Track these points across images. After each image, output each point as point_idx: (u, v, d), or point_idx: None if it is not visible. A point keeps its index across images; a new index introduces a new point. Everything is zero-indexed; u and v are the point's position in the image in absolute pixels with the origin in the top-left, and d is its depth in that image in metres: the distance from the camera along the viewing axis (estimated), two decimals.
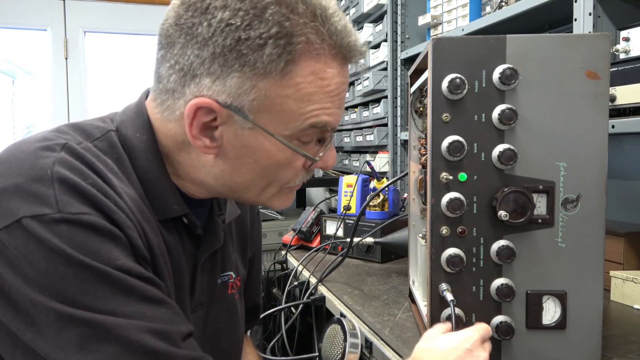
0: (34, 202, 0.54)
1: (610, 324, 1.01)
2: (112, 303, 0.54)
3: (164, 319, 0.58)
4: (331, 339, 0.90)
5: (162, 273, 0.64)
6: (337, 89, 0.64)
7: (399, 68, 2.07)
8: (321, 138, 0.67)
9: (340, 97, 0.65)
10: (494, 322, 0.79)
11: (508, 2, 1.42)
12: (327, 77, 0.62)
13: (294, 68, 0.59)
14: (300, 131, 0.63)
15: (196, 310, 0.75)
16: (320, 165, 0.69)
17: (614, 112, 1.02)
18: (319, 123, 0.63)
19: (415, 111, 1.14)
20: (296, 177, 0.69)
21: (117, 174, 0.63)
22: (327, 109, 0.63)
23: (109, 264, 0.55)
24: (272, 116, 0.62)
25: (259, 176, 0.66)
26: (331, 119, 0.64)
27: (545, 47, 0.76)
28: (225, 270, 0.81)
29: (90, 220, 0.55)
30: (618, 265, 1.20)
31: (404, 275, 1.43)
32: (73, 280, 0.53)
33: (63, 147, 0.59)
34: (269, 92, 0.60)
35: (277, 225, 2.22)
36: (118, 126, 0.68)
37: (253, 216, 0.93)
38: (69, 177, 0.56)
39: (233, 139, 0.63)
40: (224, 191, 0.70)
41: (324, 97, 0.62)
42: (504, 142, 0.77)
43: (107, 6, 3.24)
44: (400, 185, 2.11)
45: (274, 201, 0.71)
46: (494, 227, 0.78)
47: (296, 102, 0.61)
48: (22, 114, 3.37)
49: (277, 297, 1.75)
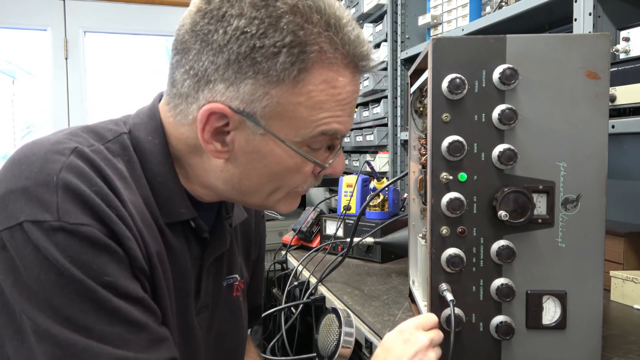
0: (37, 207, 0.55)
1: (610, 324, 1.01)
2: (92, 320, 0.55)
3: (141, 345, 0.58)
4: (327, 328, 0.90)
5: (159, 283, 0.64)
6: (349, 97, 0.64)
7: (399, 68, 2.07)
8: (331, 145, 0.68)
9: (351, 106, 0.66)
10: (494, 322, 0.79)
11: (508, 2, 1.42)
12: (339, 85, 0.62)
13: (306, 76, 0.60)
14: (310, 138, 0.64)
15: (201, 312, 0.75)
16: (329, 172, 0.70)
17: (614, 112, 1.02)
18: (330, 131, 0.64)
19: (415, 111, 1.14)
20: (304, 182, 0.69)
21: (125, 178, 0.64)
22: (338, 117, 0.64)
23: (98, 279, 0.56)
24: (284, 123, 0.62)
25: (268, 180, 0.67)
26: (341, 127, 0.65)
27: (545, 47, 0.76)
28: (231, 272, 0.82)
29: (87, 232, 0.56)
30: (618, 265, 1.20)
31: (404, 275, 1.43)
32: (61, 291, 0.54)
33: (73, 151, 0.60)
34: (281, 100, 0.61)
35: (277, 225, 2.22)
36: (131, 129, 0.69)
37: (258, 219, 0.94)
38: (74, 183, 0.57)
39: (244, 144, 0.64)
40: (232, 195, 0.70)
41: (335, 106, 0.63)
42: (504, 142, 0.77)
43: (107, 6, 3.24)
44: (400, 185, 2.10)
45: (280, 205, 0.72)
46: (494, 227, 0.78)
47: (307, 110, 0.62)
48: (22, 114, 3.36)
49: (277, 297, 1.75)
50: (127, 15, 3.27)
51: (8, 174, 0.58)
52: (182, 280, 0.70)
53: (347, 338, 0.86)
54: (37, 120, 3.41)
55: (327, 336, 0.90)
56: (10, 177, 0.57)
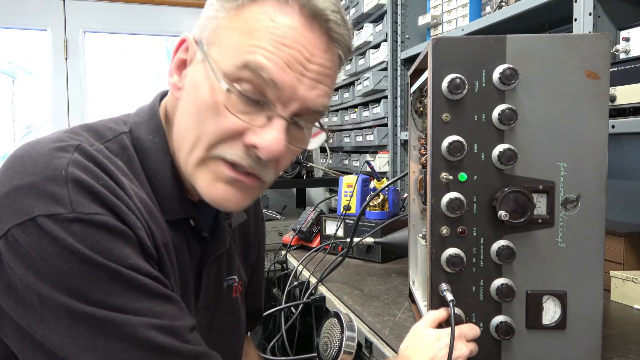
0: (49, 201, 0.55)
1: (610, 324, 1.01)
2: (122, 300, 0.56)
3: (171, 314, 0.59)
4: (328, 332, 0.90)
5: (167, 272, 0.65)
6: (288, 37, 0.60)
7: (399, 68, 2.07)
8: (262, 101, 0.61)
9: (290, 49, 0.60)
10: (494, 322, 0.79)
11: (508, 2, 1.42)
12: (279, 22, 0.60)
13: (252, 6, 0.61)
14: (236, 69, 0.60)
15: (201, 312, 0.75)
16: (256, 141, 0.61)
17: (614, 112, 1.02)
18: (252, 62, 0.59)
19: (415, 111, 1.14)
20: (225, 138, 0.62)
21: (128, 175, 0.64)
22: (267, 50, 0.59)
23: (120, 262, 0.56)
24: (219, 48, 0.62)
25: (193, 123, 0.64)
26: (268, 63, 0.59)
27: (545, 47, 0.76)
28: (230, 273, 0.82)
29: (103, 220, 0.56)
30: (618, 265, 1.20)
31: (404, 275, 1.43)
32: (86, 277, 0.54)
33: (76, 148, 0.60)
34: (222, 23, 0.62)
35: (277, 225, 2.22)
36: (132, 128, 0.69)
37: (257, 222, 0.93)
38: (83, 177, 0.57)
39: (190, 77, 0.65)
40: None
41: (267, 37, 0.59)
42: (504, 142, 0.77)
43: (107, 6, 3.24)
44: (400, 185, 2.11)
45: (200, 173, 0.65)
46: (494, 227, 0.78)
47: (239, 35, 0.61)
48: (22, 114, 3.36)
49: (277, 297, 1.75)
50: (127, 15, 3.27)
51: (10, 171, 0.58)
52: (183, 277, 0.70)
53: (349, 342, 0.86)
54: (37, 120, 3.41)
55: (328, 340, 0.90)
56: (13, 174, 0.57)
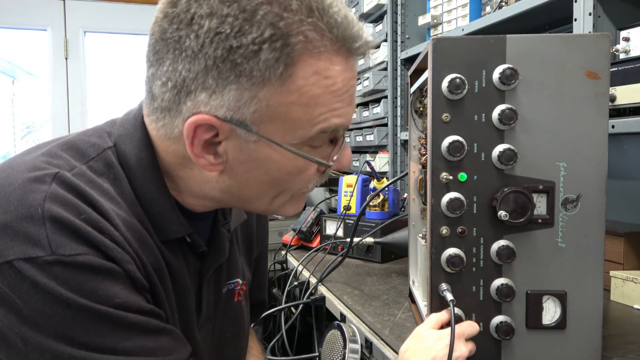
0: (25, 243, 0.51)
1: (610, 324, 1.01)
2: (112, 340, 0.54)
3: (165, 348, 0.57)
4: (331, 345, 0.90)
5: (161, 299, 0.63)
6: (345, 86, 0.58)
7: (399, 68, 2.07)
8: (333, 138, 0.63)
9: (349, 94, 0.60)
10: (494, 322, 0.79)
11: (508, 2, 1.42)
12: (332, 75, 0.56)
13: (294, 71, 0.54)
14: (309, 138, 0.59)
15: (203, 326, 0.73)
16: (335, 168, 0.65)
17: (614, 112, 1.02)
18: (329, 127, 0.59)
19: (415, 111, 1.14)
20: (309, 182, 0.64)
21: (114, 198, 0.60)
22: (336, 110, 0.58)
23: (108, 302, 0.54)
24: (278, 126, 0.57)
25: (270, 187, 0.63)
26: (342, 120, 0.59)
27: (545, 47, 0.76)
28: (231, 278, 0.79)
29: (86, 261, 0.53)
30: (618, 265, 1.20)
31: (404, 275, 1.43)
32: (72, 321, 0.52)
33: (54, 177, 0.56)
34: (271, 101, 0.55)
35: (277, 225, 2.22)
36: (116, 141, 0.64)
37: (259, 216, 0.91)
38: (61, 214, 0.53)
39: (239, 153, 0.59)
40: (232, 202, 0.67)
41: (332, 98, 0.57)
42: (504, 142, 0.77)
43: (107, 6, 3.24)
44: (400, 185, 2.10)
45: (286, 209, 0.67)
46: (494, 227, 0.78)
47: (301, 108, 0.56)
48: (22, 114, 3.37)
49: (277, 297, 1.75)
50: (127, 15, 3.27)
51: None
52: (183, 297, 0.68)
53: (352, 355, 0.86)
54: (37, 120, 3.41)
55: (330, 353, 0.89)
56: None
